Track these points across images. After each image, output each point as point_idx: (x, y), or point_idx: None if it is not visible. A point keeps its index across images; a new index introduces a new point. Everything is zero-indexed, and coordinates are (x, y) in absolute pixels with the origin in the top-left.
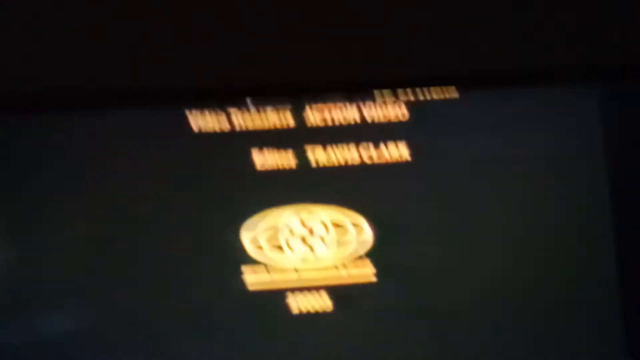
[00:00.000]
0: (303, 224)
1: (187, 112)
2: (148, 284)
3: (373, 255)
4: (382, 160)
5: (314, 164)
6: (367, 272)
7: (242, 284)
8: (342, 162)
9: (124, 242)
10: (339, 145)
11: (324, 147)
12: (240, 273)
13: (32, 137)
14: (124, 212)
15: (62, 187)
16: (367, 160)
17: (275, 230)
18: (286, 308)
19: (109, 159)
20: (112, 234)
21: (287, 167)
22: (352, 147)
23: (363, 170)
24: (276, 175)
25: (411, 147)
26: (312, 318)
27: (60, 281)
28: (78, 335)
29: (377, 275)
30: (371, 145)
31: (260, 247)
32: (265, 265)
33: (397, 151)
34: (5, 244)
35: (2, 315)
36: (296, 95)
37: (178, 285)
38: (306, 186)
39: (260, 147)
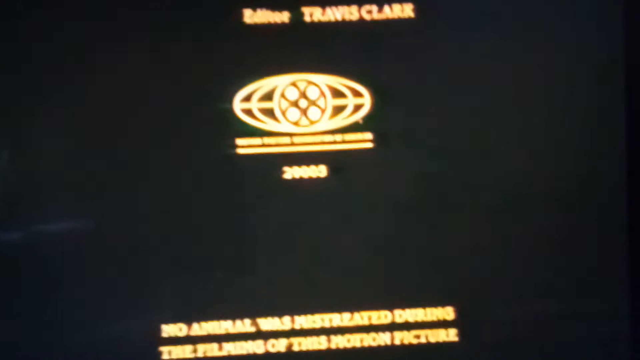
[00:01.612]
0: (298, 89)
1: None
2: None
3: (370, 121)
4: (384, 25)
5: (310, 29)
6: (363, 139)
7: (233, 148)
8: (341, 27)
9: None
10: (339, 7)
11: (323, 10)
12: (232, 138)
13: None
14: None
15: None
16: (367, 25)
17: (269, 97)
18: (278, 173)
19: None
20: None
21: (281, 32)
22: (353, 9)
23: (362, 35)
24: (270, 43)
25: (416, 10)
26: (304, 183)
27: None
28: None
29: (374, 142)
30: (374, 8)
31: (252, 114)
32: (258, 130)
33: (401, 13)
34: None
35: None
36: None
37: (172, 153)
38: (302, 54)
39: (254, 9)
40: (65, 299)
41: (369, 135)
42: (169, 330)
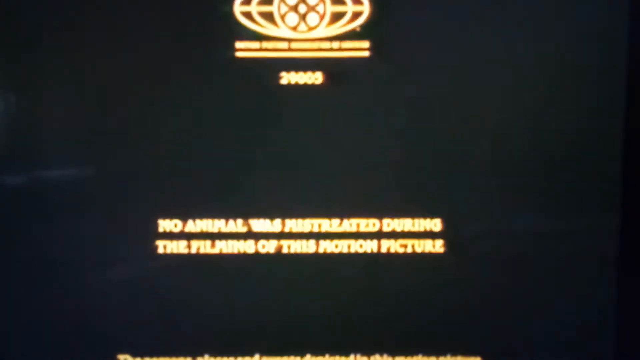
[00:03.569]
0: None
1: None
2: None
3: (368, 30)
4: None
5: None
6: (360, 47)
7: (232, 51)
8: None
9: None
10: None
11: None
12: (231, 41)
13: None
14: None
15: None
16: None
17: (269, 1)
18: (275, 78)
19: None
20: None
21: None
22: None
23: None
24: None
25: None
26: (300, 89)
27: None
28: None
29: (370, 50)
30: None
31: (252, 17)
32: (257, 34)
33: None
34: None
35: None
36: None
37: (171, 55)
38: None
39: None
40: (67, 192)
41: (365, 44)
42: (165, 225)
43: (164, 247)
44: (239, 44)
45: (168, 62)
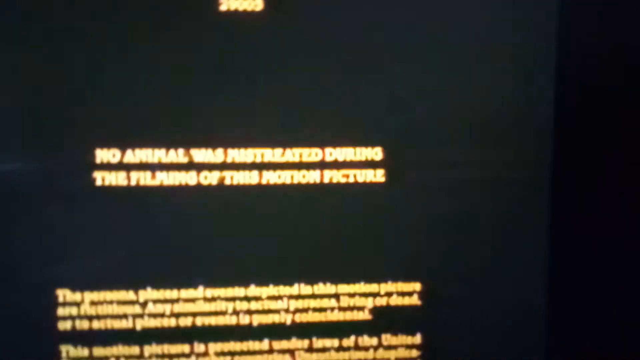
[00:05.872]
0: None
1: None
2: None
3: None
4: None
5: None
6: None
7: None
8: None
9: None
10: None
11: None
12: None
13: None
14: None
15: None
16: None
17: None
18: (214, 3)
19: None
20: None
21: None
22: None
23: None
24: None
25: None
26: (240, 16)
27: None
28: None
29: None
30: None
31: None
32: None
33: None
34: None
35: None
36: None
37: None
38: None
39: None
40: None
41: None
42: (102, 155)
43: (102, 178)
44: None
45: None
